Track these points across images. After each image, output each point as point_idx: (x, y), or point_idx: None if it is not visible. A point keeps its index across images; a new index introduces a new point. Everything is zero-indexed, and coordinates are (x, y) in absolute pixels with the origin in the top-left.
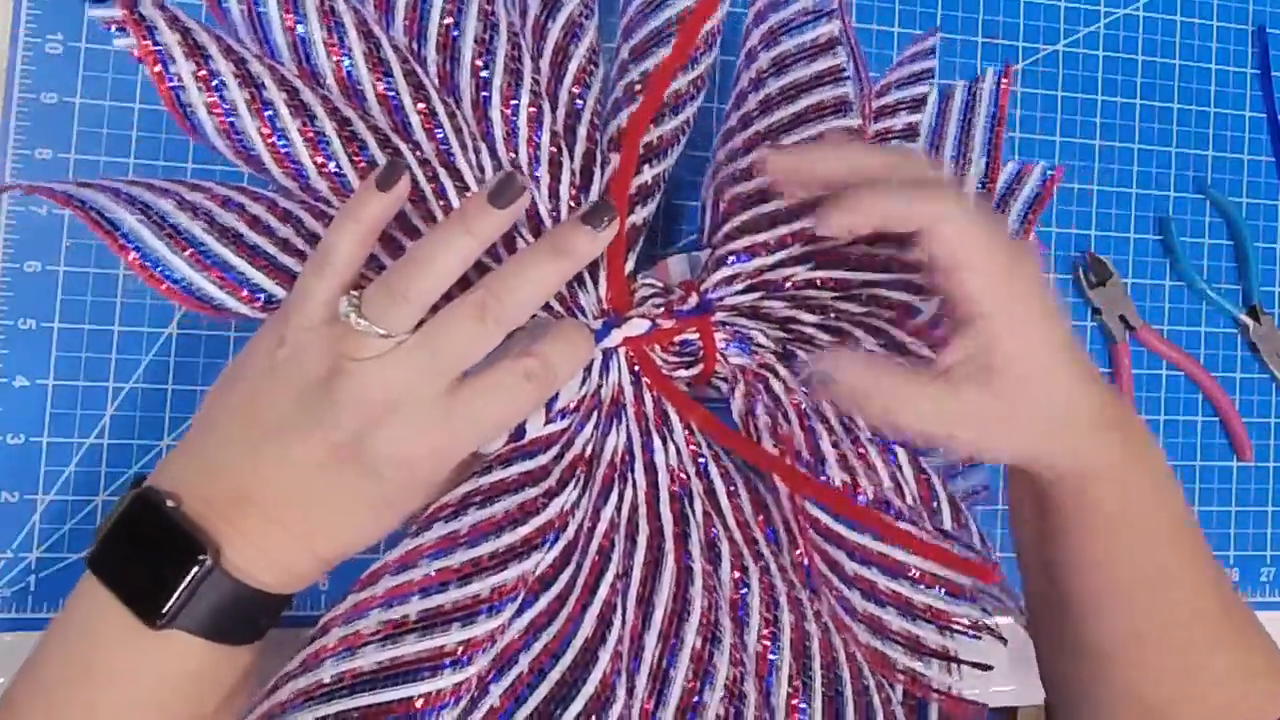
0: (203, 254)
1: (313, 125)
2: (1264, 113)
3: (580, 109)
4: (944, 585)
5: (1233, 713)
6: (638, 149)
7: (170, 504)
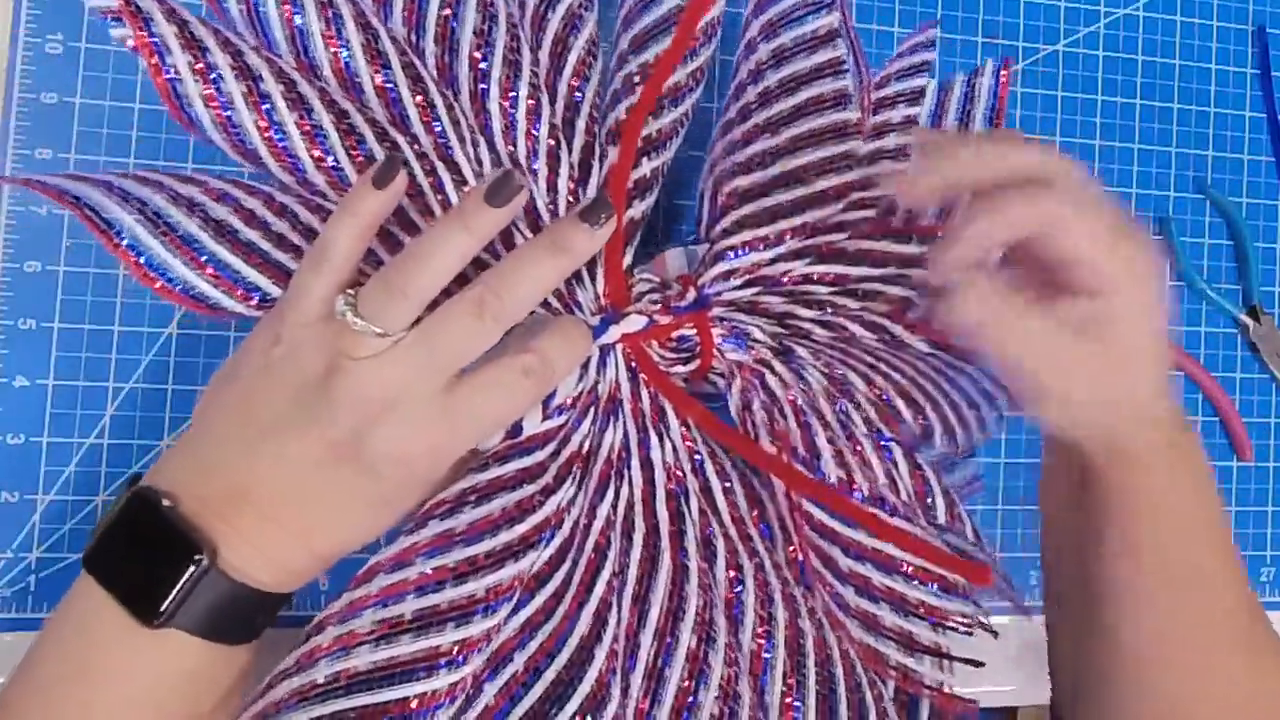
0: (197, 252)
1: (310, 118)
2: (1264, 113)
3: (579, 101)
4: (937, 581)
5: (1245, 712)
6: (636, 142)
7: (166, 503)
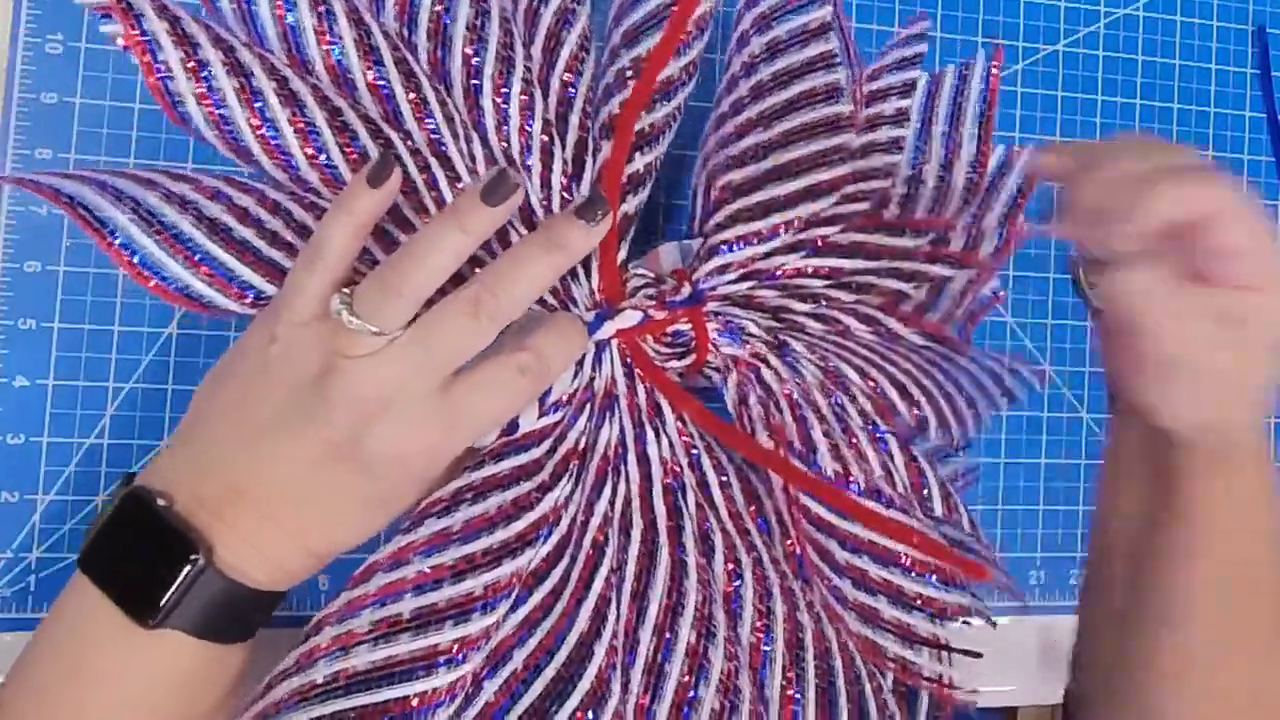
0: (191, 250)
1: (303, 115)
2: (1264, 113)
3: (572, 96)
4: (935, 573)
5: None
6: (630, 136)
7: (161, 503)
